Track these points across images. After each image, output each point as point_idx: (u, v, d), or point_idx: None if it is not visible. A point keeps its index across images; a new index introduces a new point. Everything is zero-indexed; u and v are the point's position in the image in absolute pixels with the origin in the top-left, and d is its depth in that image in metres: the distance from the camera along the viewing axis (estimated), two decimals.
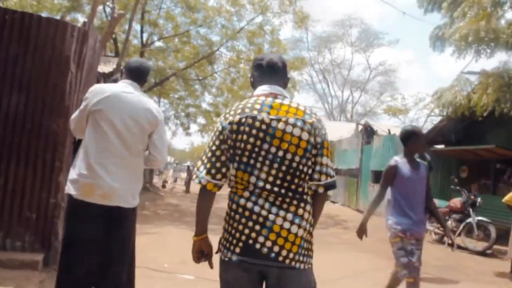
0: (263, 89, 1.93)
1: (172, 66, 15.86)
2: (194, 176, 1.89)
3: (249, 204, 1.80)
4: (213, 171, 1.84)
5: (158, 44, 15.98)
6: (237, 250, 1.80)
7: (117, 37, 13.80)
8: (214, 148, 1.86)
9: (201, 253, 1.95)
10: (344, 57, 38.29)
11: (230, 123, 1.83)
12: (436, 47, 10.24)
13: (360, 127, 16.49)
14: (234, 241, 1.82)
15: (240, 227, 1.80)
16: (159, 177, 28.17)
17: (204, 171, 1.85)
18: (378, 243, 7.40)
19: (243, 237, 1.79)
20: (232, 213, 1.85)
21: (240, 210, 1.82)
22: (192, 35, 15.47)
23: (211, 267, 2.00)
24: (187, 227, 9.39)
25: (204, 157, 1.89)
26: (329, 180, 1.87)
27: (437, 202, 9.69)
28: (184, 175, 28.16)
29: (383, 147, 13.44)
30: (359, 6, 59.11)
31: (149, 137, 2.74)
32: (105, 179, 2.54)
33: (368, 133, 15.92)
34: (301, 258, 1.81)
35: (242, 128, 1.81)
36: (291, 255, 1.78)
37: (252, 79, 2.04)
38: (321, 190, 1.88)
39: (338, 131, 20.53)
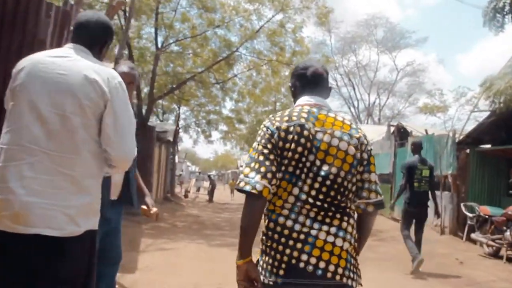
0: (307, 99, 1.84)
1: (190, 71, 15.09)
2: (242, 184, 1.66)
3: (289, 222, 1.67)
4: (269, 175, 1.66)
5: (175, 48, 15.24)
6: (281, 272, 1.66)
7: (130, 42, 13.10)
8: (266, 151, 1.70)
9: (250, 281, 1.69)
10: (369, 58, 36.81)
11: (278, 129, 1.72)
12: (493, 23, 8.54)
13: (392, 128, 15.25)
14: (276, 263, 1.67)
15: (281, 247, 1.67)
16: (180, 187, 27.56)
17: (259, 176, 1.65)
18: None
19: (285, 258, 1.66)
20: (270, 233, 1.71)
21: (278, 229, 1.68)
22: (209, 37, 14.66)
23: None
24: (204, 241, 8.60)
25: (253, 163, 1.69)
26: (379, 198, 1.80)
27: (489, 209, 8.50)
28: (207, 184, 27.47)
29: None
30: (383, 5, 57.14)
31: (101, 122, 1.80)
32: (16, 191, 1.62)
33: (401, 134, 14.68)
34: (351, 275, 1.70)
35: (290, 136, 1.70)
36: (340, 271, 1.66)
37: (293, 89, 1.95)
38: (370, 209, 1.79)
39: (366, 134, 19.35)
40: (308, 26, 15.01)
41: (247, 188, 1.64)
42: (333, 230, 1.68)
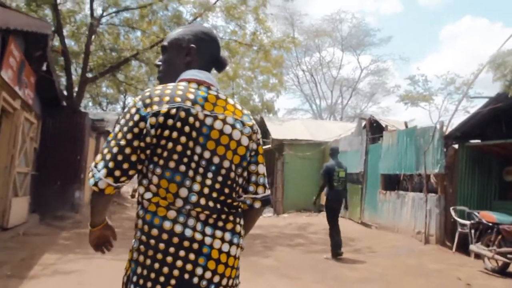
0: (194, 74, 1.52)
1: (133, 48, 12.75)
2: (89, 174, 1.41)
3: (178, 228, 1.38)
4: (117, 173, 1.38)
5: (116, 21, 12.83)
6: None
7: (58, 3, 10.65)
8: (123, 143, 1.38)
9: (104, 238, 1.61)
10: (333, 54, 35.66)
11: (155, 114, 1.37)
12: None
13: (364, 122, 13.64)
14: (162, 278, 1.36)
15: (169, 258, 1.37)
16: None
17: (104, 171, 1.38)
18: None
19: (176, 272, 1.37)
20: (153, 241, 1.38)
21: (165, 236, 1.37)
22: (157, 11, 12.39)
23: (112, 247, 1.67)
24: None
25: (106, 151, 1.40)
26: (267, 192, 1.61)
27: (495, 216, 6.91)
28: None
29: (398, 145, 10.60)
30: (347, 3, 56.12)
31: None
32: None
33: (374, 129, 13.11)
34: (236, 282, 1.53)
35: (171, 122, 1.38)
36: (230, 282, 1.48)
37: (193, 55, 1.57)
38: (257, 205, 1.59)
39: (331, 131, 17.82)
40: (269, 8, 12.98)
41: (91, 181, 1.39)
42: (227, 236, 1.46)
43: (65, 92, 11.40)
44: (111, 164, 1.39)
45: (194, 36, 1.59)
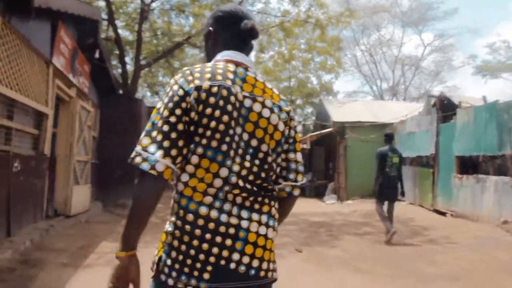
0: (229, 54, 1.46)
1: (185, 33, 12.44)
2: (138, 159, 1.26)
3: (214, 213, 1.31)
4: (173, 152, 1.27)
5: (167, 6, 12.58)
6: (206, 275, 1.29)
7: None
8: (173, 120, 1.29)
9: (125, 282, 1.28)
10: (393, 32, 33.65)
11: (197, 89, 1.31)
12: None
13: (433, 100, 12.46)
14: (199, 265, 1.30)
15: (205, 245, 1.30)
16: None
17: (160, 152, 1.26)
18: None
19: (212, 258, 1.30)
20: (189, 227, 1.30)
21: (201, 222, 1.30)
22: None
23: None
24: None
25: (156, 132, 1.28)
26: (304, 180, 1.58)
27: None
28: None
29: (476, 123, 9.46)
30: None
31: None
32: None
33: (445, 107, 11.91)
34: (275, 266, 1.47)
35: (213, 100, 1.31)
36: (271, 266, 1.42)
37: (213, 36, 1.53)
38: (296, 192, 1.54)
39: (395, 112, 16.64)
40: None
41: (145, 166, 1.24)
42: (264, 219, 1.40)
43: (120, 81, 11.35)
44: (166, 143, 1.28)
45: (212, 18, 1.56)
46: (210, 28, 1.55)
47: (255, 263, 1.36)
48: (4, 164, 5.05)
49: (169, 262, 1.32)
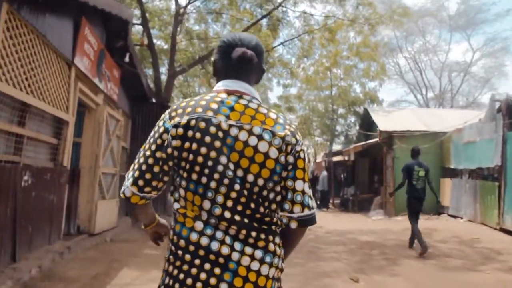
0: (225, 84, 1.48)
1: (220, 36, 11.71)
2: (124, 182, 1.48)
3: (204, 240, 1.34)
4: (140, 182, 1.42)
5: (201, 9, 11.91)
6: None
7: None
8: (148, 153, 1.43)
9: (158, 234, 1.66)
10: (440, 37, 31.93)
11: (176, 125, 1.37)
12: None
13: (497, 104, 11.06)
14: None
15: (194, 270, 1.33)
16: None
17: (131, 180, 1.43)
18: None
19: (199, 284, 1.33)
20: (180, 252, 1.36)
21: (191, 248, 1.34)
22: None
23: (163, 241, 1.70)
24: None
25: (136, 161, 1.46)
26: (306, 212, 1.40)
27: None
28: None
29: None
30: None
31: None
32: None
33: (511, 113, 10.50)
34: None
35: (190, 133, 1.35)
36: None
37: (214, 65, 1.56)
38: (293, 225, 1.40)
39: (447, 120, 15.21)
40: None
41: (122, 189, 1.48)
42: (258, 254, 1.35)
43: (153, 89, 10.73)
44: (136, 174, 1.43)
45: (217, 49, 1.57)
46: (212, 58, 1.60)
47: None
48: (10, 177, 4.33)
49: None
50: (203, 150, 1.33)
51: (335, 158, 20.95)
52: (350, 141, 20.47)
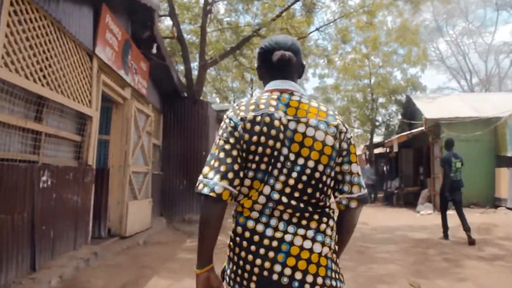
0: (275, 84, 1.60)
1: (251, 25, 11.10)
2: (200, 186, 1.43)
3: (260, 227, 1.44)
4: (230, 175, 1.43)
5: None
6: (252, 285, 1.42)
7: None
8: (228, 147, 1.46)
9: None
10: (485, 17, 29.95)
11: (243, 119, 1.48)
12: None
13: None
14: (246, 275, 1.42)
15: (250, 256, 1.42)
16: None
17: (218, 176, 1.42)
18: None
19: (256, 269, 1.41)
20: (238, 239, 1.46)
21: (247, 234, 1.44)
22: None
23: None
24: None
25: (213, 161, 1.46)
26: (363, 192, 1.56)
27: None
28: None
29: None
30: None
31: None
32: None
33: None
34: (333, 283, 1.46)
35: (257, 128, 1.46)
36: (319, 280, 1.42)
37: (259, 71, 1.71)
38: (353, 204, 1.54)
39: (500, 104, 13.95)
40: None
41: (205, 190, 1.40)
42: (310, 233, 1.45)
43: (184, 83, 10.26)
44: (223, 168, 1.43)
45: (257, 56, 1.69)
46: (256, 65, 1.76)
47: (298, 275, 1.40)
48: (26, 178, 3.89)
49: (228, 272, 1.50)
50: (271, 142, 1.44)
51: (376, 150, 19.92)
52: (392, 131, 19.37)
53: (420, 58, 18.25)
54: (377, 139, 20.86)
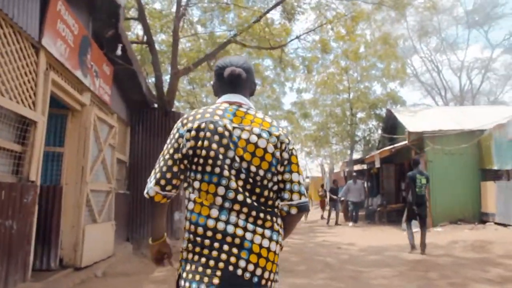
0: (226, 97, 1.81)
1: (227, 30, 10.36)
2: (146, 188, 1.72)
3: (221, 225, 1.59)
4: (162, 182, 1.69)
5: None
6: (215, 280, 1.55)
7: None
8: (167, 157, 1.71)
9: (162, 254, 1.81)
10: (457, 35, 30.45)
11: (189, 130, 1.67)
12: None
13: None
14: (209, 271, 1.56)
15: (215, 253, 1.57)
16: None
17: (153, 181, 1.69)
18: None
19: (221, 264, 1.56)
20: (199, 239, 1.60)
21: (209, 233, 1.59)
22: None
23: (172, 265, 1.86)
24: None
25: (156, 166, 1.73)
26: (303, 199, 1.72)
27: None
28: None
29: None
30: None
31: None
32: None
33: None
34: (276, 277, 1.67)
35: (202, 134, 1.65)
36: (272, 276, 1.64)
37: (213, 87, 1.91)
38: (294, 211, 1.70)
39: (481, 117, 13.64)
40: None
41: (145, 192, 1.70)
42: (267, 233, 1.63)
43: (154, 92, 9.35)
44: (158, 175, 1.68)
45: (214, 74, 1.89)
46: (211, 82, 1.94)
47: (258, 271, 1.57)
48: None
49: (184, 275, 1.60)
50: (214, 146, 1.62)
51: (355, 167, 19.33)
52: (372, 147, 18.85)
53: (399, 71, 17.95)
54: (355, 155, 20.31)
